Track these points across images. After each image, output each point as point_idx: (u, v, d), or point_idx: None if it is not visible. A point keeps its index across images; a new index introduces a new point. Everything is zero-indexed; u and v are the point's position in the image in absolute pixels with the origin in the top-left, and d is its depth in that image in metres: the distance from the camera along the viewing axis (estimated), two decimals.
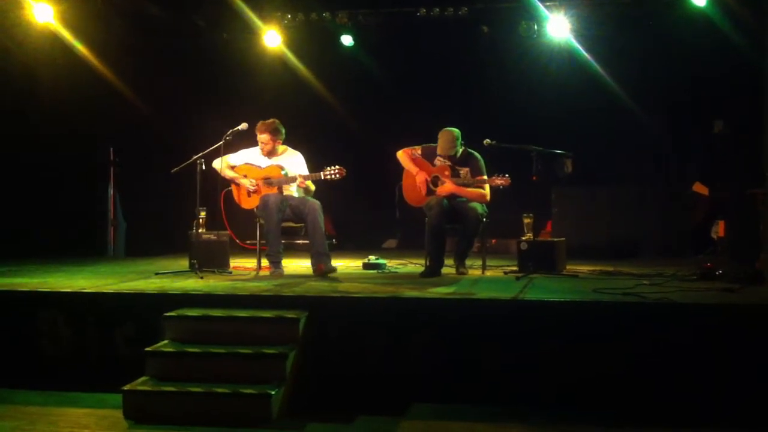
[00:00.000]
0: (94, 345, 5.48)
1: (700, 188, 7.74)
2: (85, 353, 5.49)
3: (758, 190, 6.30)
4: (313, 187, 7.15)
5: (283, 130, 7.17)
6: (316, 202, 6.91)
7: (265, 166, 7.14)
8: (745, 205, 6.76)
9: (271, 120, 7.13)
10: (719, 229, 6.88)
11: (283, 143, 7.25)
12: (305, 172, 7.13)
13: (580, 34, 9.40)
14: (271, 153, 7.16)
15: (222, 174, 7.17)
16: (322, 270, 6.68)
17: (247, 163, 7.20)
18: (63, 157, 9.19)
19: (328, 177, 6.87)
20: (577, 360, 5.03)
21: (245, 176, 7.14)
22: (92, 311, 5.57)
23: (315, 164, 7.19)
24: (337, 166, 6.85)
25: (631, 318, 5.10)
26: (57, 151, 9.10)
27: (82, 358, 5.48)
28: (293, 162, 7.22)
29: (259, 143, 7.14)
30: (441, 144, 7.03)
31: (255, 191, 7.07)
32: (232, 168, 7.21)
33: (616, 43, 9.34)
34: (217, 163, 7.13)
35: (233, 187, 7.23)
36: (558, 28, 9.31)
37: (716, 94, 8.99)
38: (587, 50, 9.53)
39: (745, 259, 6.46)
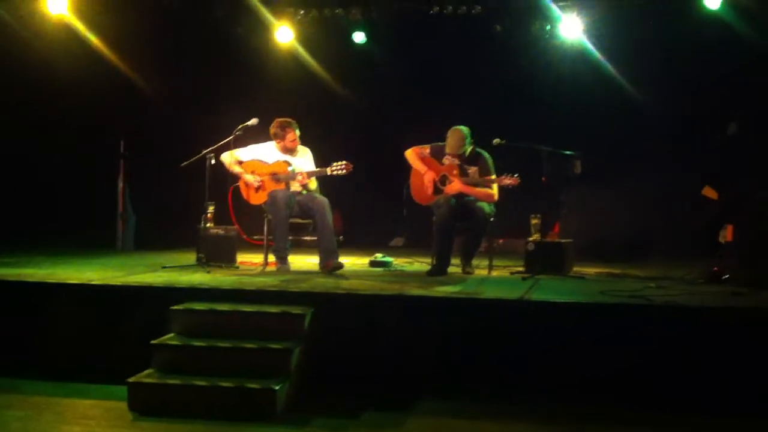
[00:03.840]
0: (101, 336, 5.50)
1: (709, 192, 7.69)
2: (92, 344, 5.51)
3: None
4: (314, 186, 7.16)
5: None
6: (325, 200, 6.92)
7: (272, 162, 7.16)
8: (756, 210, 6.72)
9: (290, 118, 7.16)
10: (727, 233, 6.83)
11: None
12: (312, 167, 7.15)
13: (593, 34, 9.38)
14: (294, 150, 7.18)
15: (229, 168, 7.19)
16: (330, 267, 6.69)
17: (255, 159, 7.23)
18: (74, 149, 9.23)
19: (335, 172, 6.88)
20: (582, 360, 5.03)
21: (252, 172, 7.16)
22: (100, 303, 5.60)
23: (324, 160, 7.20)
24: (343, 162, 6.86)
25: (637, 320, 5.10)
26: (68, 143, 9.14)
27: (89, 350, 5.50)
28: (307, 158, 7.25)
29: (289, 140, 7.10)
30: (450, 142, 7.03)
31: (259, 187, 7.09)
32: (240, 163, 7.23)
33: (629, 44, 9.30)
34: (225, 157, 7.15)
35: (241, 183, 7.25)
36: (570, 29, 9.30)
37: (731, 95, 8.94)
38: (600, 50, 9.50)
39: (753, 263, 6.42)
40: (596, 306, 5.25)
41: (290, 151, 7.17)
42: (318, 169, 7.09)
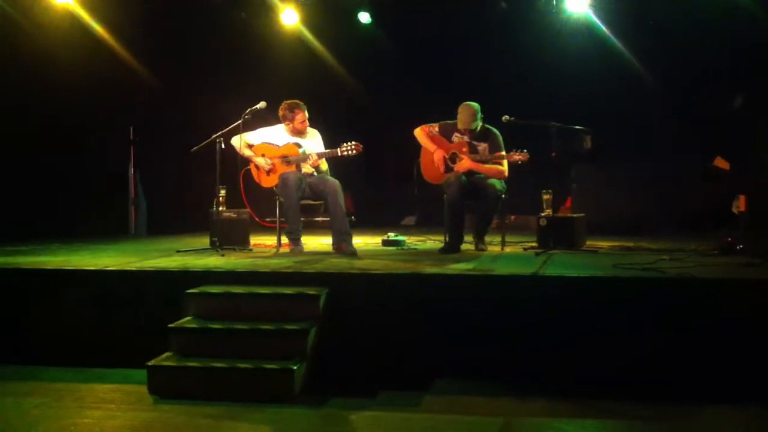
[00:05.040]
0: (119, 322, 5.53)
1: (721, 163, 7.68)
2: (109, 330, 5.53)
3: None
4: (325, 167, 7.16)
5: None
6: (336, 182, 6.92)
7: (282, 144, 7.16)
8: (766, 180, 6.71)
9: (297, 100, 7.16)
10: (740, 204, 6.82)
11: None
12: (322, 149, 7.16)
13: (600, 8, 9.33)
14: (303, 132, 7.18)
15: (240, 152, 7.20)
16: (344, 249, 6.71)
17: (264, 142, 7.23)
18: (84, 137, 9.25)
19: (345, 153, 6.88)
20: (597, 335, 5.02)
21: (263, 155, 7.17)
22: (116, 288, 5.62)
23: (333, 141, 7.20)
24: (353, 142, 6.86)
25: (651, 293, 5.09)
26: (78, 131, 9.16)
27: (106, 335, 5.53)
28: (316, 139, 7.26)
29: (298, 122, 7.10)
30: (461, 118, 7.02)
31: (270, 170, 7.11)
32: (250, 147, 7.24)
33: (636, 18, 9.26)
34: (235, 141, 7.16)
35: (252, 166, 7.26)
36: (577, 3, 9.26)
37: (738, 68, 8.89)
38: (606, 25, 9.45)
39: (766, 233, 6.42)
40: (610, 279, 5.25)
41: (300, 132, 7.17)
42: (328, 150, 7.09)
